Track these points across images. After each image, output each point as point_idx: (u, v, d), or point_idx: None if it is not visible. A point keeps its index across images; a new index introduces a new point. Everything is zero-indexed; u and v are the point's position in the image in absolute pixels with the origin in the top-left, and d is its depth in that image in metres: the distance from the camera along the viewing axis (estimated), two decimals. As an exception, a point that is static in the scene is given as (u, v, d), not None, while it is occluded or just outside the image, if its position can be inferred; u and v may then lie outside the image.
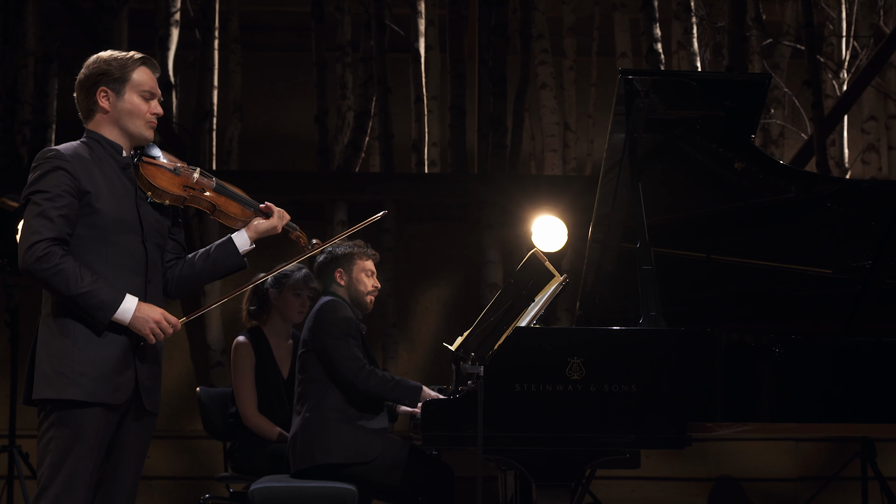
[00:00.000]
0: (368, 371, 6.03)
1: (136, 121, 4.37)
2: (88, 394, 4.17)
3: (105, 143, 4.35)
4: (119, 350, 4.25)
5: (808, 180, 5.67)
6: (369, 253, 6.43)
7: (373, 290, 6.39)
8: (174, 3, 10.15)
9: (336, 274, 6.34)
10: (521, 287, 5.15)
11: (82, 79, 4.37)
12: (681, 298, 5.80)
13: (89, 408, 4.17)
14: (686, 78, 5.67)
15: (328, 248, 4.60)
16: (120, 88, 4.34)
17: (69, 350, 4.18)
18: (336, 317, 6.14)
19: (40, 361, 4.21)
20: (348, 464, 6.00)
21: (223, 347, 9.29)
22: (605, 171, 5.48)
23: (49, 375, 4.17)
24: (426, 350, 9.55)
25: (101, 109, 4.35)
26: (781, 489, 8.88)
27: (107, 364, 4.21)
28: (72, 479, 4.16)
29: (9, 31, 9.97)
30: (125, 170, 4.37)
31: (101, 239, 4.27)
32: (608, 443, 4.91)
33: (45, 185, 4.22)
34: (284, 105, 11.27)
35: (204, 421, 6.94)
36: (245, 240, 4.58)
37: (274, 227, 4.63)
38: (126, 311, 4.21)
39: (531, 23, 10.24)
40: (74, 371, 4.16)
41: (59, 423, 4.17)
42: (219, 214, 4.51)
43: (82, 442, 4.17)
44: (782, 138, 10.62)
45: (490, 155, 9.85)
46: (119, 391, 4.23)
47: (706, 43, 10.55)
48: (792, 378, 5.02)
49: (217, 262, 4.56)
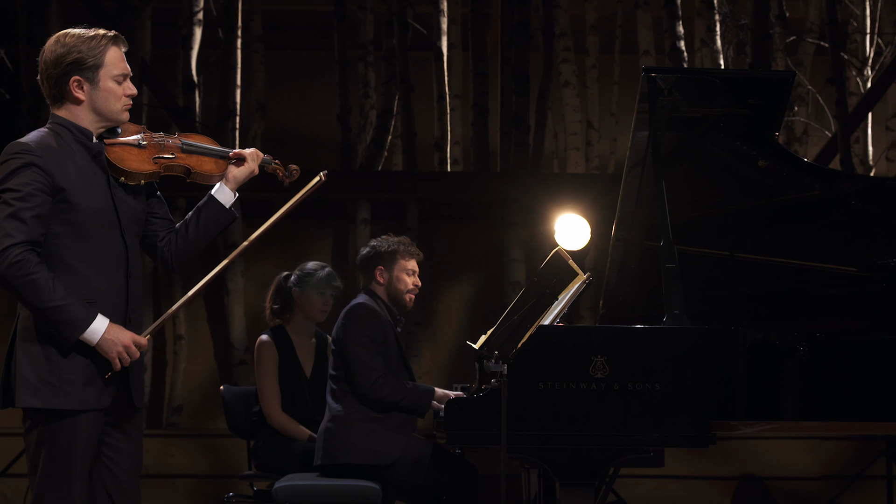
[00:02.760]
0: (383, 381, 6.02)
1: (112, 105, 4.15)
2: (76, 402, 4.03)
3: (75, 129, 4.14)
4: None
5: (832, 178, 5.65)
6: (413, 252, 6.39)
7: (413, 289, 6.36)
8: (197, 3, 10.17)
9: (377, 271, 6.30)
10: (544, 285, 5.14)
11: (49, 63, 4.13)
12: (704, 296, 5.78)
13: (79, 416, 4.04)
14: (709, 75, 5.67)
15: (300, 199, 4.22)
16: (94, 76, 4.13)
17: (53, 357, 4.03)
18: (362, 323, 6.12)
19: (22, 368, 4.04)
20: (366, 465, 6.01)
21: (246, 346, 9.30)
22: (628, 169, 5.47)
23: (33, 383, 4.02)
24: (449, 348, 9.55)
25: (73, 99, 4.13)
26: (805, 488, 8.85)
27: (92, 369, 4.06)
28: (67, 491, 4.06)
29: (32, 31, 10.00)
30: (96, 157, 4.14)
31: (79, 235, 4.07)
32: (632, 441, 4.90)
33: (15, 183, 3.97)
34: (307, 104, 11.28)
35: (228, 419, 6.95)
36: (228, 193, 4.33)
37: (252, 171, 4.38)
38: (95, 331, 4.00)
39: (554, 21, 10.23)
40: (61, 379, 4.01)
41: (48, 432, 4.04)
42: (195, 176, 4.29)
43: (74, 450, 4.05)
44: (806, 136, 10.59)
45: (513, 153, 9.85)
46: (105, 394, 4.10)
47: (729, 40, 10.52)
48: (816, 376, 5.00)
49: (209, 224, 4.31)
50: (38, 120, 9.89)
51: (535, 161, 9.99)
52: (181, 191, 8.42)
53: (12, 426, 8.94)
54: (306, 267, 6.84)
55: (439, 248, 9.60)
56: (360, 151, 10.01)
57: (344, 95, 10.04)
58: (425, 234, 9.53)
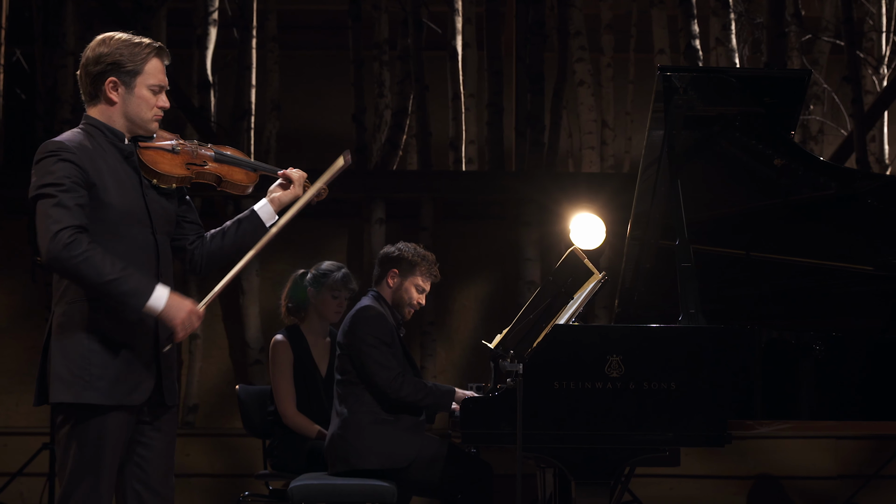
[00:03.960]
0: (402, 380, 6.02)
1: (143, 114, 4.21)
2: (106, 397, 4.06)
3: (107, 130, 4.19)
4: (137, 349, 4.14)
5: (848, 177, 5.64)
6: (433, 273, 6.35)
7: (416, 305, 6.34)
8: (212, 3, 10.19)
9: (391, 273, 6.28)
10: (559, 284, 5.15)
11: (90, 60, 4.18)
12: (719, 296, 5.78)
13: (109, 413, 4.08)
14: (725, 74, 5.65)
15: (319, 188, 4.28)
16: (130, 81, 4.18)
17: (85, 352, 4.06)
18: (372, 325, 6.11)
19: (55, 363, 4.09)
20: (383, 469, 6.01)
21: (262, 345, 9.31)
22: (643, 168, 5.46)
23: (65, 378, 4.06)
24: (464, 348, 9.55)
25: (107, 100, 4.18)
26: (821, 487, 8.83)
27: (124, 365, 4.10)
28: (94, 488, 4.10)
29: (48, 32, 10.03)
30: (128, 158, 4.21)
31: (111, 233, 4.12)
32: (647, 441, 4.90)
33: (55, 177, 4.03)
34: (322, 103, 11.29)
35: (243, 419, 6.96)
36: (270, 213, 4.41)
37: (296, 195, 4.44)
38: (159, 297, 4.05)
39: (569, 19, 10.22)
40: (92, 374, 4.05)
41: (78, 430, 4.08)
42: (225, 185, 4.36)
43: (104, 447, 4.09)
44: (822, 135, 10.57)
45: (528, 152, 9.85)
46: (137, 391, 4.13)
47: (744, 39, 10.50)
48: (832, 375, 4.99)
49: (245, 237, 4.39)
50: (53, 120, 9.91)
51: (549, 160, 9.98)
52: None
53: (28, 426, 9.02)
54: (322, 267, 6.85)
55: (454, 247, 9.60)
56: (375, 151, 10.02)
57: (359, 95, 10.04)
58: (440, 234, 9.53)
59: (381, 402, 6.06)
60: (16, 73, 10.38)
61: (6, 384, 9.31)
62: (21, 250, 8.68)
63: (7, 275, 9.39)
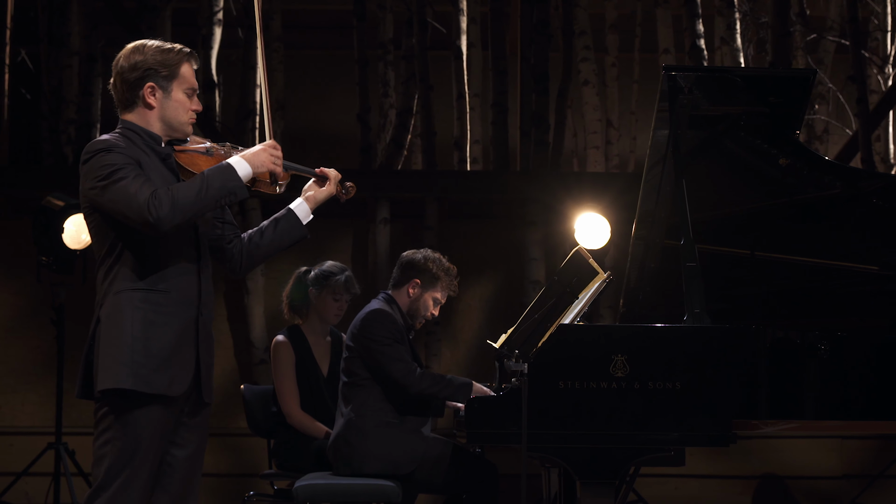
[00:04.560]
0: (420, 373, 6.03)
1: (180, 117, 4.35)
2: (147, 384, 4.15)
3: (144, 134, 4.31)
4: (179, 341, 4.25)
5: (853, 176, 5.64)
6: (452, 288, 6.35)
7: (430, 317, 6.35)
8: (217, 2, 10.19)
9: (412, 282, 6.27)
10: (564, 284, 5.15)
11: (125, 69, 4.32)
12: (724, 295, 5.78)
13: (151, 405, 4.17)
14: (730, 74, 5.66)
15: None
16: (167, 86, 4.32)
17: (129, 340, 4.16)
18: (381, 326, 6.11)
19: (101, 352, 4.19)
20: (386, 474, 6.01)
21: (266, 345, 9.31)
22: (648, 168, 5.46)
23: (109, 366, 4.16)
24: (469, 348, 9.54)
25: (145, 104, 4.31)
26: (826, 487, 8.83)
27: (166, 355, 4.20)
28: (130, 481, 4.17)
29: (53, 32, 10.04)
30: (165, 161, 4.33)
31: None
32: (652, 440, 4.90)
33: (111, 163, 4.16)
34: (327, 103, 11.30)
35: (248, 418, 6.96)
36: (306, 211, 4.58)
37: (331, 193, 4.63)
38: (238, 163, 4.27)
39: (573, 19, 10.21)
40: (134, 361, 4.15)
41: (121, 421, 4.17)
42: (259, 184, 4.46)
43: (144, 442, 4.17)
44: (827, 134, 10.56)
45: (532, 152, 9.85)
46: (177, 382, 4.23)
47: (749, 39, 10.50)
48: (837, 375, 4.99)
49: (283, 235, 4.54)
50: (58, 119, 9.92)
51: (554, 160, 9.98)
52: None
53: (33, 425, 9.03)
54: (325, 267, 6.84)
55: (459, 247, 9.59)
56: (380, 151, 10.02)
57: (363, 95, 10.04)
58: (445, 233, 9.53)
59: (395, 400, 6.05)
60: (21, 72, 10.39)
61: (12, 384, 9.32)
62: (26, 250, 8.68)
63: (12, 275, 9.40)
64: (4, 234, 9.47)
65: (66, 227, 7.98)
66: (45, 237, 7.99)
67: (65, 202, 8.04)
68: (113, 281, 4.24)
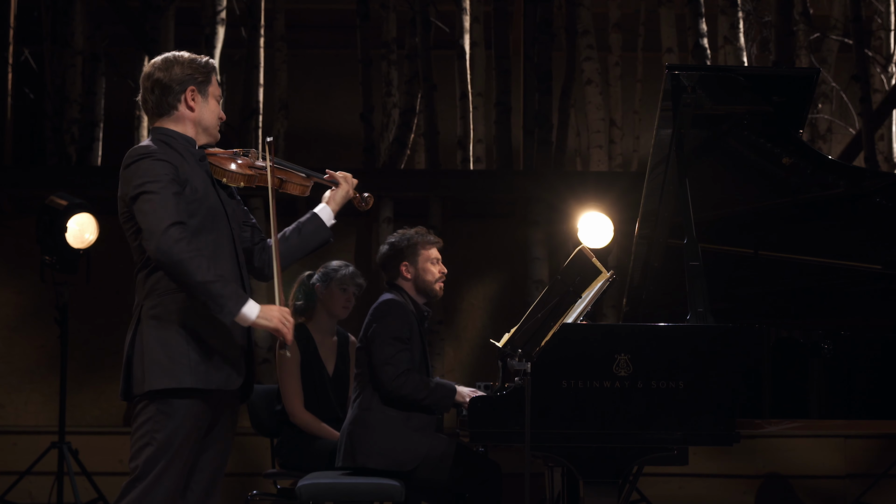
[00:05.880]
0: (405, 378, 5.97)
1: (213, 122, 4.53)
2: (206, 381, 4.28)
3: (180, 137, 4.44)
4: (232, 340, 4.37)
5: (856, 175, 5.63)
6: (432, 240, 6.31)
7: (440, 277, 6.30)
8: (220, 2, 10.20)
9: (402, 267, 6.24)
10: (567, 283, 5.14)
11: (164, 79, 4.46)
12: (728, 294, 5.77)
13: (194, 402, 4.27)
14: (733, 73, 5.64)
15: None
16: (205, 91, 4.50)
17: (185, 339, 4.28)
18: (387, 320, 6.08)
19: (153, 351, 4.26)
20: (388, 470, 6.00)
21: (269, 344, 9.32)
22: (651, 167, 5.46)
23: (165, 364, 4.25)
24: (472, 347, 9.55)
25: (187, 107, 4.47)
26: (830, 486, 8.83)
27: (221, 353, 4.33)
28: (165, 475, 4.25)
29: (57, 31, 10.05)
30: (201, 161, 4.46)
31: (205, 228, 4.37)
32: (655, 439, 4.90)
33: (152, 174, 4.27)
34: (330, 102, 11.31)
35: (251, 417, 6.96)
36: (329, 213, 4.76)
37: (347, 192, 4.82)
38: (252, 306, 4.30)
39: (576, 18, 10.22)
40: (191, 359, 4.26)
41: (161, 417, 4.25)
42: (287, 186, 4.64)
43: (181, 438, 4.27)
44: (830, 133, 10.56)
45: (535, 151, 9.85)
46: (233, 378, 4.37)
47: (753, 38, 10.50)
48: (841, 374, 4.99)
49: (308, 238, 4.69)
50: (62, 119, 9.93)
51: (557, 159, 9.98)
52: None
53: (37, 425, 9.04)
54: (330, 265, 6.87)
55: (462, 246, 9.60)
56: (383, 150, 10.02)
57: (367, 94, 10.05)
58: (448, 233, 9.53)
59: (383, 399, 6.03)
60: (24, 72, 10.40)
61: (15, 383, 9.33)
62: (30, 249, 8.68)
63: (16, 274, 9.41)
64: (8, 234, 9.49)
65: (69, 226, 7.98)
66: (49, 236, 8.00)
67: (68, 201, 8.05)
68: (157, 283, 4.33)
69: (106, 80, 10.22)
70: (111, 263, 8.78)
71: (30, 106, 10.33)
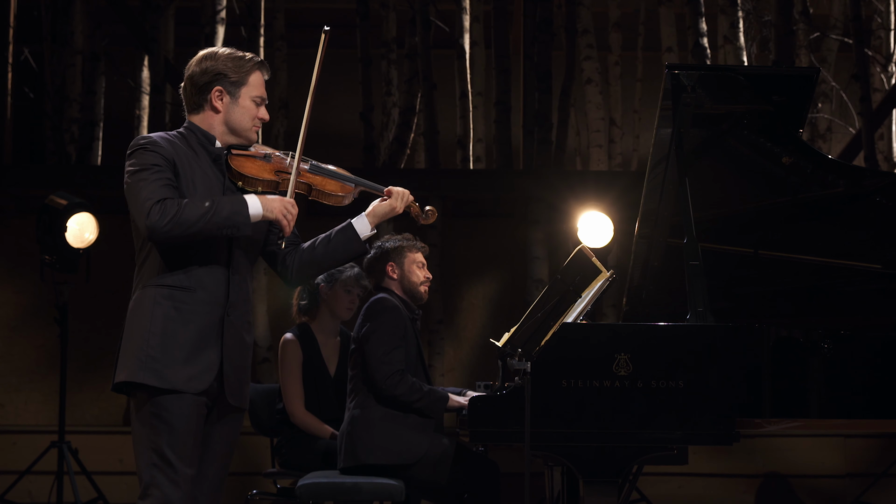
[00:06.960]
0: (399, 378, 5.98)
1: (245, 123, 4.42)
2: (160, 380, 4.16)
3: (200, 133, 4.38)
4: (200, 339, 4.25)
5: (856, 175, 5.63)
6: (418, 245, 6.37)
7: (425, 281, 6.33)
8: (220, 1, 10.20)
9: (388, 268, 6.28)
10: (567, 283, 5.14)
11: (196, 74, 4.39)
12: (728, 294, 5.77)
13: (180, 399, 4.17)
14: (733, 72, 5.64)
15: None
16: (235, 91, 4.39)
17: (146, 334, 4.19)
18: (381, 318, 6.09)
19: (123, 345, 4.25)
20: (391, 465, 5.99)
21: (270, 344, 9.32)
22: (651, 167, 5.46)
23: (125, 359, 4.21)
24: (472, 346, 9.55)
25: (212, 108, 4.39)
26: (830, 486, 8.83)
27: (185, 351, 4.21)
28: (164, 471, 4.17)
29: (57, 30, 10.06)
30: (216, 161, 4.38)
31: None
32: (655, 439, 4.90)
33: (141, 162, 4.22)
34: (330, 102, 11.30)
35: (251, 417, 6.96)
36: (365, 224, 4.60)
37: (393, 208, 4.67)
38: (254, 204, 4.24)
39: (576, 18, 10.22)
40: (148, 355, 4.16)
41: (143, 413, 4.20)
42: (316, 194, 4.49)
43: (173, 432, 4.18)
44: (830, 132, 10.56)
45: (535, 151, 9.85)
46: (196, 380, 4.22)
47: (753, 37, 10.50)
48: (841, 373, 4.99)
49: (338, 248, 4.55)
50: (61, 118, 9.93)
51: (557, 158, 9.98)
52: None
53: (37, 424, 9.04)
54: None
55: (462, 245, 9.60)
56: (383, 149, 10.02)
57: (367, 93, 10.05)
58: (448, 232, 9.53)
59: (377, 398, 6.03)
60: (24, 71, 10.40)
61: (15, 383, 9.33)
62: (30, 249, 8.69)
63: (16, 273, 9.41)
64: (8, 233, 9.49)
65: (69, 225, 7.98)
66: (49, 236, 8.00)
67: (68, 201, 8.04)
68: (142, 276, 4.30)
69: (106, 80, 10.23)
70: (111, 263, 8.79)
71: (30, 105, 10.33)
